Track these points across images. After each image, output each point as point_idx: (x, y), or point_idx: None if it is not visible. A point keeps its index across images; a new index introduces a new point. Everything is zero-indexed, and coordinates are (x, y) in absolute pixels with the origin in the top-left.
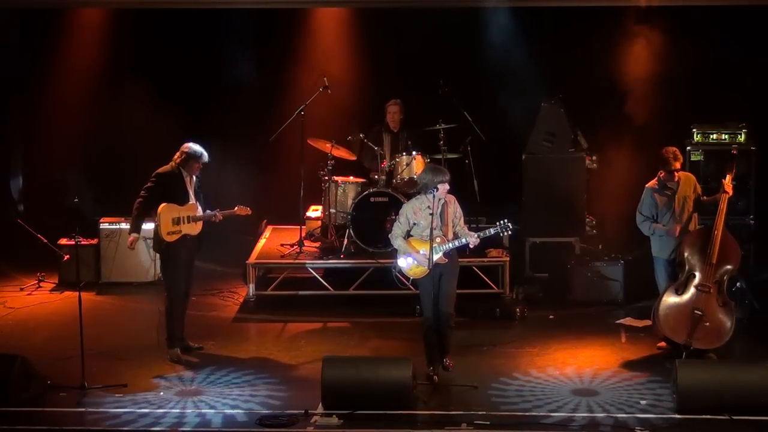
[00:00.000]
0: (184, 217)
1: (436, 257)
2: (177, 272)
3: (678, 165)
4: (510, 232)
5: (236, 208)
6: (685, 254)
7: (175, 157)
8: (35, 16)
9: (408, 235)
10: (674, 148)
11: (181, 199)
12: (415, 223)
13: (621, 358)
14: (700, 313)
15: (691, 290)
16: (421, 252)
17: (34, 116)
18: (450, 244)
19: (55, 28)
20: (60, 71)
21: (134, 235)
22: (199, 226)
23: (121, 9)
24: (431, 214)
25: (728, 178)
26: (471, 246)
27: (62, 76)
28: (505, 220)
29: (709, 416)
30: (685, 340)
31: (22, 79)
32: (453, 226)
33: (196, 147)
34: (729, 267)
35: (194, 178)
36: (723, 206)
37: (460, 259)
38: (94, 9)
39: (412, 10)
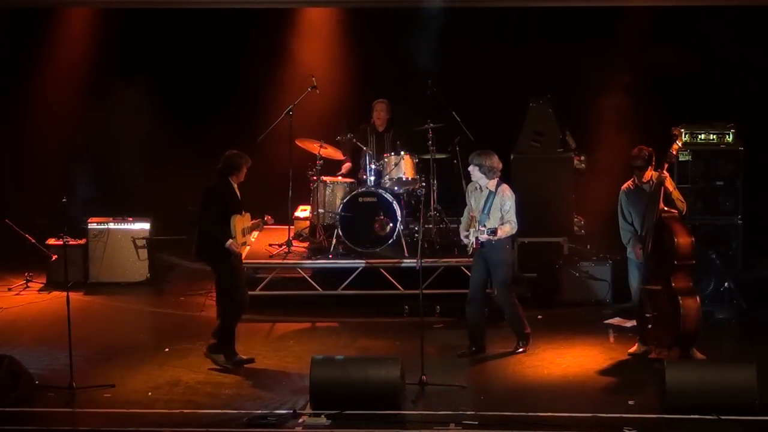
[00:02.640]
0: (247, 228)
1: (470, 240)
2: (240, 285)
3: (639, 162)
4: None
5: (267, 217)
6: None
7: (219, 167)
8: (22, 16)
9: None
10: (642, 147)
11: (239, 209)
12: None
13: (609, 357)
14: (649, 315)
15: (644, 292)
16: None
17: (22, 116)
18: (473, 232)
19: (43, 29)
20: (47, 71)
21: (232, 240)
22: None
23: (108, 9)
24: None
25: (665, 166)
26: (481, 239)
27: (50, 76)
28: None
29: (697, 416)
30: (641, 348)
31: (9, 79)
32: (500, 218)
33: (236, 153)
34: (672, 257)
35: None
36: (659, 192)
37: (447, 259)
38: (82, 9)
39: (400, 10)
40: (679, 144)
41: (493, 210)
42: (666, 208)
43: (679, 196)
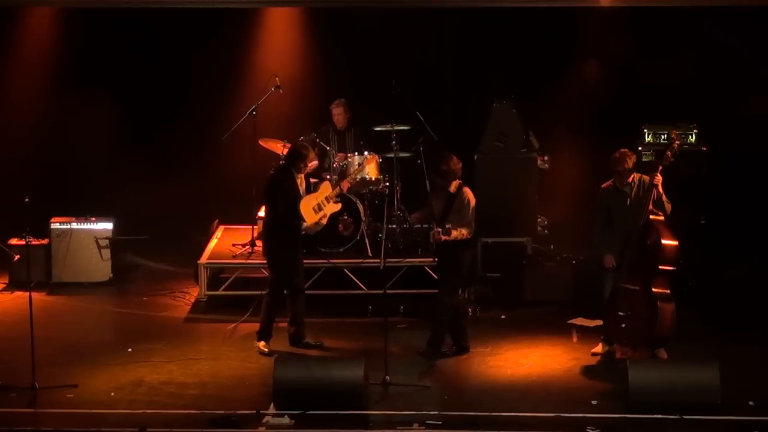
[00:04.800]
0: (320, 202)
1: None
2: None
3: (626, 166)
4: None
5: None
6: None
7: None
8: None
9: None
10: (625, 151)
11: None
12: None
13: (572, 357)
14: (622, 314)
15: (620, 290)
16: None
17: None
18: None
19: (3, 28)
20: (7, 71)
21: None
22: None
23: (70, 9)
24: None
25: (659, 168)
26: (431, 240)
27: (10, 76)
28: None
29: (660, 416)
30: (605, 348)
31: None
32: (458, 220)
33: (301, 146)
34: (656, 261)
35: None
36: (650, 194)
37: (411, 259)
38: (42, 8)
39: (365, 10)
40: (676, 147)
41: (453, 212)
42: (654, 210)
43: (667, 199)
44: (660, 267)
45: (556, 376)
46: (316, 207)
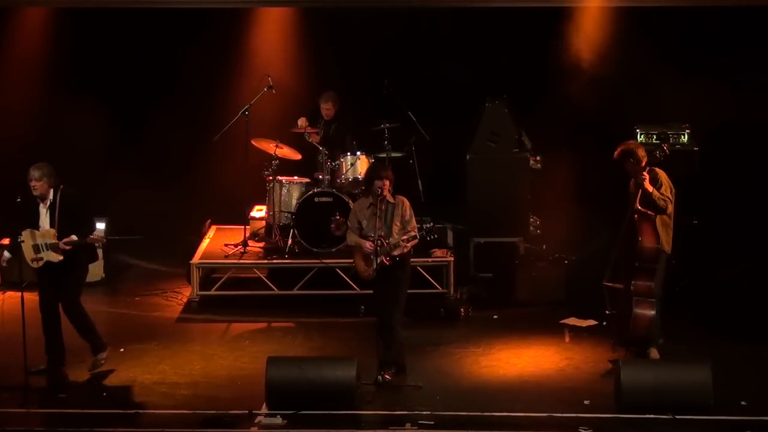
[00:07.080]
0: (43, 244)
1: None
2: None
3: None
4: (435, 236)
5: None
6: None
7: None
8: None
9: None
10: (629, 141)
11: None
12: (360, 222)
13: (565, 357)
14: (608, 312)
15: (604, 288)
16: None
17: None
18: (380, 251)
19: None
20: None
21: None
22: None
23: (61, 9)
24: (375, 215)
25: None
26: (395, 253)
27: (1, 75)
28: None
29: (652, 415)
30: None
31: None
32: (402, 229)
33: None
34: (636, 259)
35: (49, 200)
36: (638, 192)
37: None
38: (33, 8)
39: (357, 10)
40: (665, 147)
41: (394, 222)
42: (641, 208)
43: (661, 195)
44: (637, 264)
45: (549, 376)
46: (36, 247)
